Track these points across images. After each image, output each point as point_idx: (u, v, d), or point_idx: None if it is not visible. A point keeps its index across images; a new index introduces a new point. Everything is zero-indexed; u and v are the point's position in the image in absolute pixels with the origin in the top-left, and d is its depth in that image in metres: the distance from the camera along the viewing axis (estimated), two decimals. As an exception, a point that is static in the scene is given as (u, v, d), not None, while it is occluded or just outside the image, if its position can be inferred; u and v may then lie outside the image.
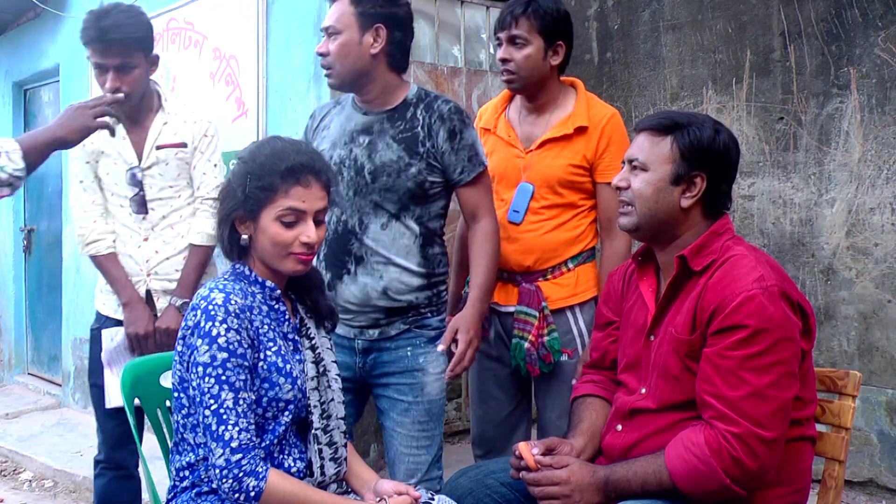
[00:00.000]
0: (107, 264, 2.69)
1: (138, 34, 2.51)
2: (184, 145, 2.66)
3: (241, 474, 1.58)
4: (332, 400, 1.82)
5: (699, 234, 1.75)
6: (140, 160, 2.64)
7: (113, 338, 2.66)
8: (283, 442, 1.73)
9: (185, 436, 1.72)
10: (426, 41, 4.24)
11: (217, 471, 1.59)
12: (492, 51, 4.51)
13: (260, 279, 1.75)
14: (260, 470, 1.60)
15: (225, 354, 1.60)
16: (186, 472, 1.72)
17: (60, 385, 5.64)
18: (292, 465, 1.73)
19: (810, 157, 3.41)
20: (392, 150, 2.19)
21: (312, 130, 2.39)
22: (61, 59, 5.52)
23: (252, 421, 1.63)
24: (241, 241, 1.74)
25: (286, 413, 1.71)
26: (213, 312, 1.62)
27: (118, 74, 2.49)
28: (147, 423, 2.09)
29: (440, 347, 2.21)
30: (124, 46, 2.47)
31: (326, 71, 2.22)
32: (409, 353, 2.23)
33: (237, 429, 1.59)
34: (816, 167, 3.39)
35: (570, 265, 2.39)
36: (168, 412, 2.03)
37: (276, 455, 1.71)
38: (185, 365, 1.66)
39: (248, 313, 1.66)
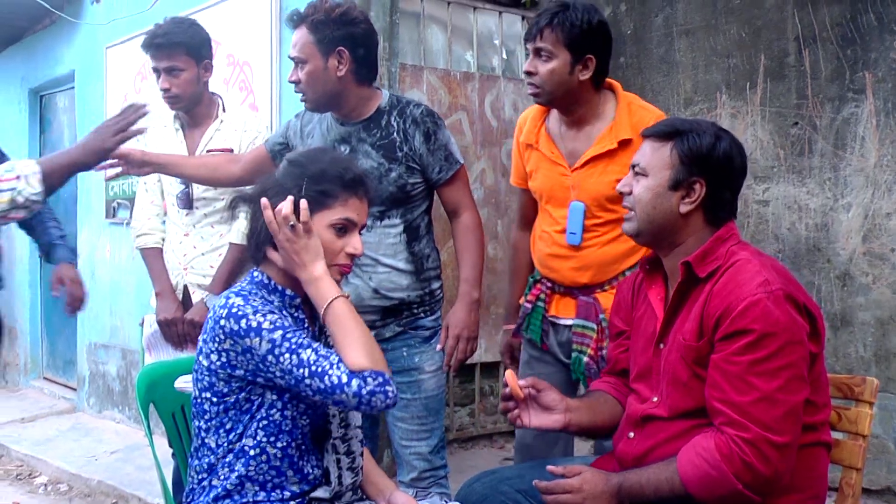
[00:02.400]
0: (150, 257, 2.93)
1: (183, 39, 2.75)
2: (230, 151, 2.80)
3: (371, 395, 1.57)
4: None
5: (703, 240, 1.75)
6: None
7: (152, 324, 2.87)
8: (302, 448, 1.73)
9: (206, 440, 1.72)
10: (438, 46, 4.25)
11: (353, 398, 1.57)
12: (504, 56, 4.51)
13: (280, 287, 1.74)
14: (384, 380, 1.59)
15: (279, 332, 1.60)
16: (205, 475, 1.72)
17: (75, 389, 5.67)
18: (311, 471, 1.73)
19: (826, 161, 3.39)
20: (371, 157, 2.28)
21: (297, 131, 2.46)
22: (76, 65, 5.57)
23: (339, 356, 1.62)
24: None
25: (305, 417, 1.71)
26: (240, 312, 1.61)
27: (167, 76, 2.76)
28: (161, 428, 2.10)
29: (438, 347, 2.32)
30: (170, 50, 2.73)
31: (301, 97, 2.31)
32: (405, 353, 2.34)
33: (336, 368, 1.57)
34: (832, 172, 3.36)
35: (628, 274, 2.30)
36: (183, 416, 2.04)
37: (295, 460, 1.71)
38: (253, 370, 1.63)
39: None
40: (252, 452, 1.68)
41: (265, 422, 1.67)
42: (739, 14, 3.65)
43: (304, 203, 1.67)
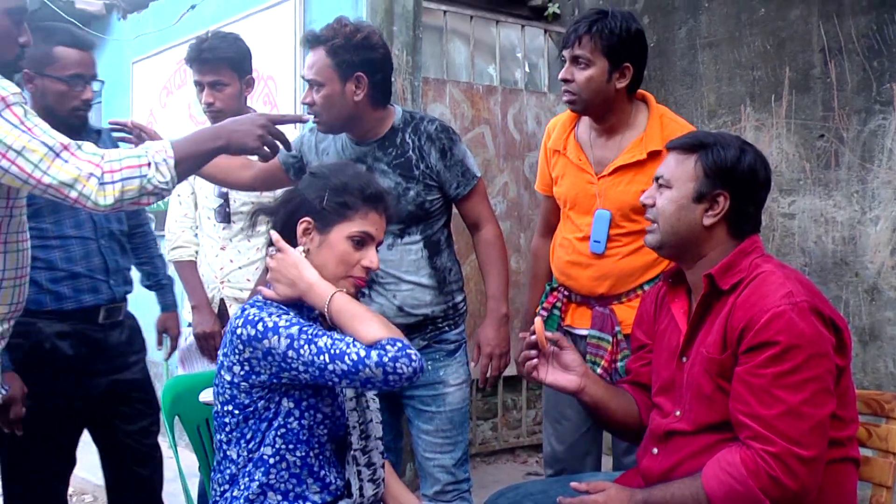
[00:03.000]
0: (185, 270, 2.91)
1: (229, 55, 2.75)
2: None
3: (395, 361, 1.56)
4: (371, 420, 1.82)
5: (726, 253, 1.74)
6: None
7: (187, 337, 2.88)
8: (321, 458, 1.73)
9: (227, 453, 1.73)
10: (461, 60, 4.26)
11: (377, 369, 1.55)
12: (527, 69, 4.52)
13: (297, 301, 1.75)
14: (403, 345, 1.58)
15: (296, 327, 1.61)
16: (227, 486, 1.72)
17: (100, 401, 5.71)
18: (332, 481, 1.73)
19: (853, 174, 3.35)
20: (388, 177, 2.27)
21: (310, 145, 2.45)
22: (103, 79, 5.63)
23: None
24: (300, 253, 1.74)
25: (322, 427, 1.71)
26: (257, 317, 1.63)
27: (211, 91, 2.74)
28: (185, 440, 2.11)
29: (472, 365, 2.32)
30: (216, 65, 2.72)
31: (315, 119, 2.28)
32: (429, 367, 2.31)
33: (353, 348, 1.57)
34: (859, 185, 3.33)
35: (646, 288, 2.28)
36: (207, 428, 2.05)
37: (315, 469, 1.71)
38: (277, 371, 1.63)
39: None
40: (271, 461, 1.68)
41: (283, 430, 1.68)
42: (763, 26, 3.63)
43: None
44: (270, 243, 1.77)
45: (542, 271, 2.56)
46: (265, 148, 1.92)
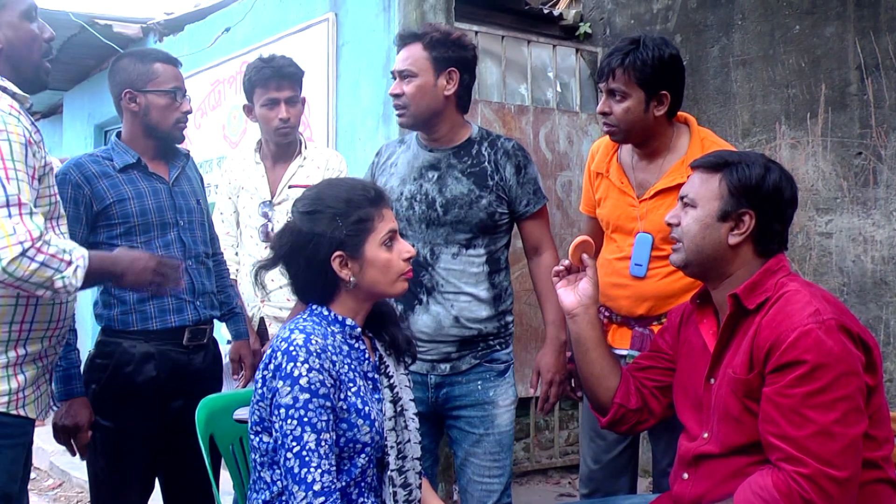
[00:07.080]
0: None
1: (301, 73, 2.87)
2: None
3: None
4: (409, 441, 1.81)
5: (752, 272, 1.72)
6: (273, 196, 2.89)
7: (226, 355, 2.85)
8: (361, 483, 1.72)
9: (261, 474, 1.72)
10: (493, 80, 4.27)
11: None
12: (558, 89, 4.51)
13: (340, 318, 1.75)
14: None
15: (307, 395, 1.60)
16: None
17: (134, 419, 5.75)
18: None
19: (891, 192, 3.30)
20: (462, 183, 2.30)
21: (379, 167, 2.49)
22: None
23: (333, 462, 1.62)
24: (347, 286, 1.73)
25: (362, 455, 1.70)
26: (294, 353, 1.62)
27: (287, 107, 2.80)
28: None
29: (530, 391, 2.31)
30: (292, 80, 2.82)
31: (399, 111, 2.31)
32: (479, 387, 2.31)
33: (319, 471, 1.58)
34: (898, 203, 3.28)
35: None
36: (241, 447, 2.06)
37: (353, 497, 1.70)
38: (268, 408, 1.65)
39: (328, 353, 1.66)
40: None
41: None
42: (798, 43, 3.60)
43: None
44: (298, 269, 1.76)
45: None
46: (161, 283, 2.04)
